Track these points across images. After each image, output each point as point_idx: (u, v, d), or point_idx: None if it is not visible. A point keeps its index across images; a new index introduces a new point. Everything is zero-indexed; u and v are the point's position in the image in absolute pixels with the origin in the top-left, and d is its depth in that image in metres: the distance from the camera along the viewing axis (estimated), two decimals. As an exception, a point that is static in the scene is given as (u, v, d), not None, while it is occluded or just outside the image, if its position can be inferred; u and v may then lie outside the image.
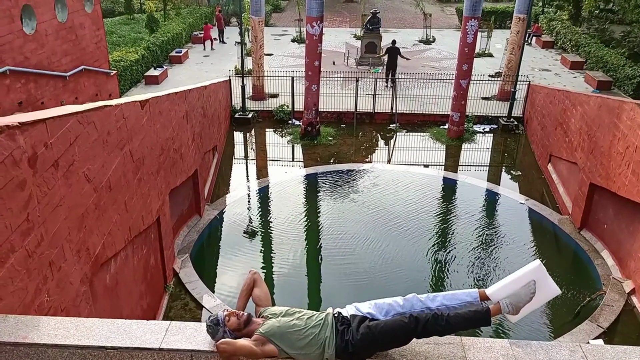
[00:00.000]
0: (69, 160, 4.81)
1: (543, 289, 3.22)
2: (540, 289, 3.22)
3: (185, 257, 8.90)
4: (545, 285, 3.24)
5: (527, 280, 3.22)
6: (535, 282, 3.21)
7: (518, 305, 3.19)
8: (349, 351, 3.08)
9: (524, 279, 3.23)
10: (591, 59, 20.61)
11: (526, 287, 3.20)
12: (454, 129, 14.59)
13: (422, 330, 3.06)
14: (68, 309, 4.78)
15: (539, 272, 3.24)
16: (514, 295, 3.20)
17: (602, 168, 9.19)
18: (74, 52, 12.02)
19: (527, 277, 3.23)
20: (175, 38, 22.60)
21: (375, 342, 3.06)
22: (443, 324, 3.06)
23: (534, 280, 3.21)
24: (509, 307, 3.18)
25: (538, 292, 3.21)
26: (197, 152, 10.04)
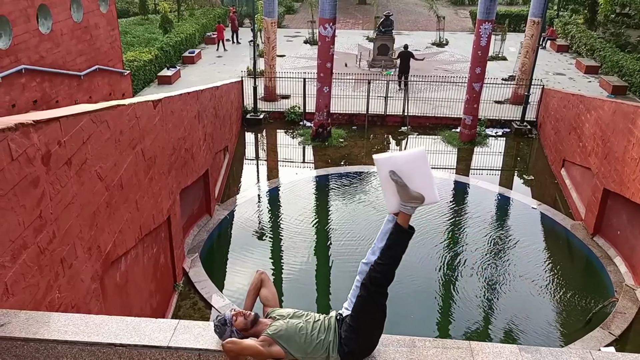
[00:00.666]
0: (81, 159, 4.86)
1: (407, 165, 2.99)
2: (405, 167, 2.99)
3: (195, 256, 8.94)
4: (406, 161, 3.00)
5: (387, 178, 3.01)
6: (394, 171, 3.00)
7: (409, 196, 2.99)
8: (346, 351, 3.07)
9: (385, 180, 3.03)
10: (606, 63, 20.39)
11: (395, 183, 2.99)
12: (466, 132, 14.51)
13: (375, 288, 3.02)
14: (78, 306, 4.83)
15: (383, 164, 3.03)
16: (400, 194, 3.00)
17: (616, 174, 9.08)
18: (89, 51, 12.15)
19: (383, 175, 3.03)
20: (189, 39, 22.76)
21: (357, 331, 3.04)
22: (380, 269, 3.02)
23: (390, 171, 3.00)
24: (406, 205, 3.00)
25: (407, 170, 2.99)
26: (209, 152, 10.08)
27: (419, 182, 3.02)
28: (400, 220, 3.04)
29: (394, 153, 3.09)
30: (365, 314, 3.07)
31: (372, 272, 3.06)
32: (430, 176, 3.05)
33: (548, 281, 8.77)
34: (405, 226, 3.04)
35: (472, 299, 8.33)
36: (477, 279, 8.77)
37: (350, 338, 3.06)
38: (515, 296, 8.40)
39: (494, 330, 7.75)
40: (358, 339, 3.06)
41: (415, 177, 3.01)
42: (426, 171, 3.04)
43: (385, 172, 3.03)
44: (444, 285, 8.72)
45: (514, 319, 7.89)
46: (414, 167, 3.02)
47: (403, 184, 3.00)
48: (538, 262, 9.30)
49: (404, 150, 2.91)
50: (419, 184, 3.02)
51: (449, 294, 8.51)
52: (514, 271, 8.95)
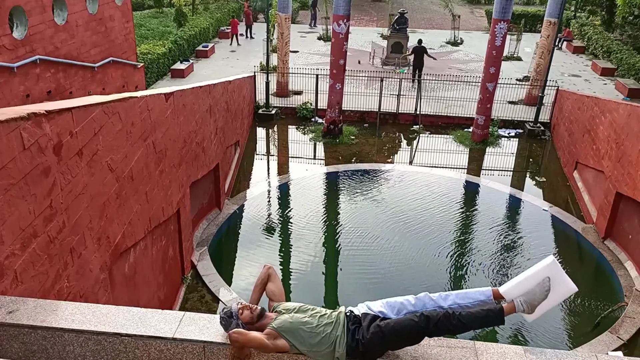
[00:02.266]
0: (92, 150, 4.90)
1: (558, 286, 3.12)
2: (556, 286, 3.11)
3: (203, 249, 8.98)
4: (561, 282, 3.13)
5: (542, 277, 3.12)
6: (550, 279, 3.11)
7: (533, 303, 3.11)
8: (360, 350, 3.06)
9: (538, 276, 3.13)
10: (623, 66, 20.11)
11: (541, 284, 3.11)
12: (478, 133, 14.41)
13: (433, 328, 3.03)
14: (87, 296, 4.87)
15: (553, 268, 3.13)
16: (528, 293, 3.12)
17: (629, 177, 8.96)
18: (103, 43, 12.23)
19: (541, 274, 3.13)
20: (203, 33, 22.82)
21: (386, 341, 3.04)
22: (455, 322, 3.02)
23: (548, 277, 3.11)
24: (524, 305, 3.11)
25: (553, 289, 3.11)
26: (219, 147, 10.12)
27: (546, 302, 3.18)
28: (506, 310, 3.14)
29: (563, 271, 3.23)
30: (405, 335, 3.07)
31: (445, 317, 3.06)
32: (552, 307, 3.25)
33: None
34: (505, 316, 3.14)
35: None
36: (486, 280, 8.72)
37: (374, 342, 3.05)
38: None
39: (500, 331, 7.70)
40: (381, 347, 3.08)
41: (550, 298, 3.18)
42: (556, 302, 3.24)
43: (547, 273, 3.17)
44: (452, 285, 8.68)
45: (521, 320, 7.83)
46: (559, 293, 3.19)
47: (545, 296, 3.13)
48: (547, 264, 9.22)
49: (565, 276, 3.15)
50: (544, 303, 3.18)
51: (457, 294, 8.47)
52: (523, 273, 8.88)
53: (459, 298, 3.21)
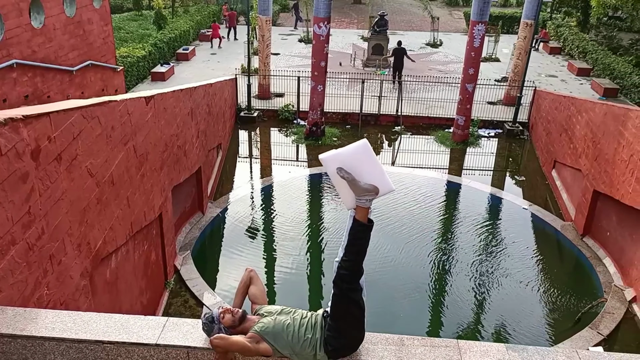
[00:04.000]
0: (72, 154, 4.83)
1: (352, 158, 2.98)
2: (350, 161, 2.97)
3: (186, 254, 8.91)
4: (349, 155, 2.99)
5: (336, 175, 3.00)
6: (342, 168, 2.98)
7: (361, 189, 2.96)
8: (330, 350, 3.08)
9: (335, 179, 3.02)
10: (598, 66, 20.53)
11: (345, 179, 2.98)
12: (458, 133, 14.56)
13: (346, 285, 3.04)
14: (67, 303, 4.80)
15: (329, 162, 3.00)
16: (352, 189, 2.99)
17: (606, 175, 9.15)
18: (81, 46, 12.07)
19: (331, 173, 3.02)
20: (183, 35, 22.67)
21: (336, 329, 3.06)
22: (346, 265, 3.04)
23: (337, 168, 2.98)
24: (361, 199, 2.98)
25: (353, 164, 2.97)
26: (201, 150, 10.06)
27: (368, 174, 3.01)
28: (359, 215, 3.02)
29: (338, 150, 3.06)
30: (342, 312, 3.08)
31: (339, 269, 3.08)
32: (377, 166, 3.04)
33: (538, 281, 8.83)
34: (364, 220, 3.02)
35: (462, 298, 8.36)
36: (468, 279, 8.81)
37: (332, 337, 3.07)
38: (504, 296, 8.45)
39: (483, 329, 7.79)
40: (340, 337, 3.07)
41: (364, 169, 3.00)
42: (373, 161, 3.03)
43: (332, 169, 3.02)
44: (435, 284, 8.75)
45: (503, 318, 7.94)
46: (359, 159, 3.00)
47: (352, 179, 2.98)
48: (528, 262, 9.36)
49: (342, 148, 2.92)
50: (369, 175, 3.01)
51: (439, 293, 8.55)
52: (504, 271, 9.00)
53: (344, 240, 3.15)
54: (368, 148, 3.04)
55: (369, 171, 3.02)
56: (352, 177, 2.99)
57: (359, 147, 3.03)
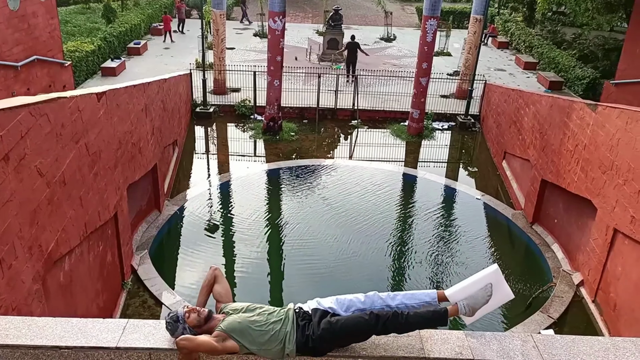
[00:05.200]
0: (20, 154, 4.65)
1: (498, 292, 3.35)
2: (496, 292, 3.34)
3: (144, 253, 8.73)
4: (501, 289, 3.36)
5: (485, 283, 3.34)
6: (492, 285, 3.33)
7: (474, 307, 3.31)
8: (309, 346, 3.10)
9: (482, 282, 3.35)
10: (544, 59, 21.35)
11: (483, 289, 3.32)
12: (413, 126, 14.84)
13: (381, 327, 3.12)
14: (19, 308, 4.63)
15: (496, 275, 3.37)
16: (471, 297, 3.32)
17: (552, 165, 9.56)
18: (26, 41, 11.55)
19: (485, 280, 3.35)
20: (134, 29, 22.03)
21: (336, 337, 3.10)
22: (402, 322, 3.13)
23: (491, 283, 3.34)
24: (466, 308, 3.30)
25: (494, 294, 3.33)
26: (157, 147, 9.84)
27: (486, 307, 3.38)
28: (450, 312, 3.29)
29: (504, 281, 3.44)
30: (354, 332, 3.13)
31: (394, 317, 3.15)
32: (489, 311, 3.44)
33: (492, 269, 9.14)
34: (449, 317, 3.30)
35: (419, 286, 8.55)
36: (425, 268, 9.03)
37: (324, 338, 3.10)
38: (461, 284, 8.71)
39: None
40: (331, 342, 3.14)
41: (491, 302, 3.38)
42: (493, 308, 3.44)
43: (490, 280, 3.38)
44: (393, 274, 8.92)
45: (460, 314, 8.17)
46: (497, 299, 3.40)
47: (487, 298, 3.33)
48: (482, 250, 9.68)
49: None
50: (485, 307, 3.38)
51: (397, 283, 8.72)
52: (460, 259, 9.27)
53: (406, 298, 3.34)
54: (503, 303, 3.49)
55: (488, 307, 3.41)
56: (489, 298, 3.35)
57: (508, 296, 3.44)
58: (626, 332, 6.83)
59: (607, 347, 3.14)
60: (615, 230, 7.33)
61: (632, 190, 6.92)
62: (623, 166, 7.20)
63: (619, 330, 7.03)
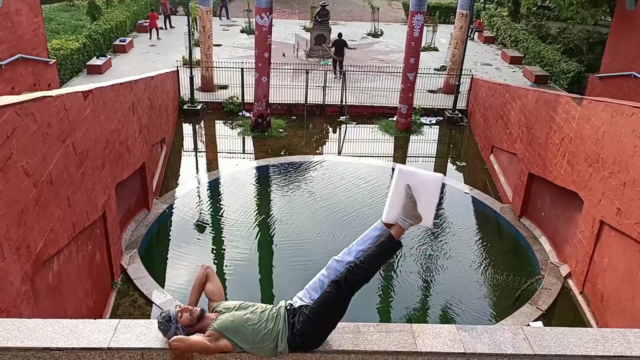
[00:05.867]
0: (6, 154, 4.59)
1: (423, 185, 3.13)
2: (420, 186, 3.12)
3: (133, 252, 8.67)
4: (423, 181, 3.14)
5: (402, 189, 3.14)
6: (410, 186, 3.12)
7: (413, 214, 3.12)
8: (298, 342, 3.10)
9: (399, 189, 3.14)
10: (529, 54, 21.51)
11: (405, 195, 3.12)
12: (402, 121, 14.89)
13: (347, 288, 3.09)
14: (8, 310, 4.58)
15: (404, 175, 3.15)
16: (403, 208, 3.13)
17: (539, 158, 9.65)
18: (10, 39, 11.38)
19: (399, 186, 3.14)
20: (119, 26, 21.81)
21: (316, 325, 3.09)
22: (359, 272, 3.09)
23: (407, 185, 3.13)
24: (407, 220, 3.13)
25: (420, 190, 3.12)
26: (145, 145, 9.77)
27: (425, 205, 3.17)
28: (395, 233, 3.16)
29: (417, 170, 3.21)
30: (328, 310, 3.12)
31: (349, 272, 3.10)
32: (435, 203, 3.23)
33: (480, 262, 9.22)
34: (398, 239, 3.17)
35: (409, 281, 8.62)
36: (414, 263, 9.08)
37: (305, 330, 3.09)
38: (450, 277, 8.78)
39: (431, 310, 8.08)
40: (314, 332, 3.10)
41: (425, 199, 3.16)
42: (435, 197, 3.21)
43: (402, 183, 3.14)
44: (383, 270, 8.95)
45: (450, 299, 8.25)
46: (428, 189, 3.16)
47: (414, 201, 3.12)
48: (471, 244, 9.76)
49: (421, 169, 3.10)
50: (425, 206, 3.17)
51: (387, 278, 8.76)
52: (449, 254, 9.34)
53: (360, 244, 3.26)
54: (440, 185, 3.22)
55: (427, 203, 3.17)
56: (414, 200, 3.12)
57: (435, 179, 3.20)
58: (613, 323, 6.94)
59: (596, 339, 3.19)
60: (602, 222, 7.43)
61: (617, 183, 7.02)
62: (608, 159, 7.29)
63: (607, 321, 7.14)
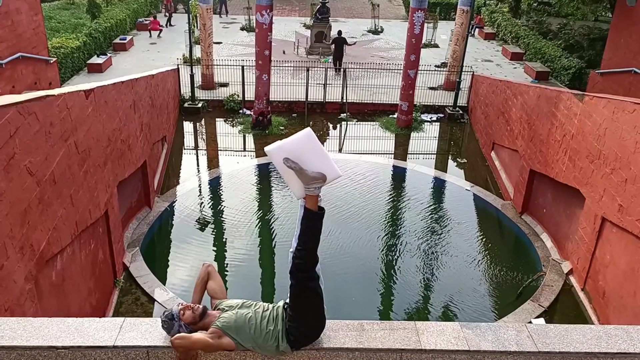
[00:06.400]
0: (9, 153, 4.60)
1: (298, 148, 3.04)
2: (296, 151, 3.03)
3: (135, 250, 8.69)
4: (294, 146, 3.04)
5: (283, 166, 3.05)
6: (288, 158, 3.03)
7: (308, 178, 3.02)
8: (292, 340, 3.12)
9: (282, 168, 3.07)
10: (530, 50, 21.48)
11: (291, 168, 3.03)
12: (402, 118, 14.88)
13: (302, 275, 3.10)
14: (12, 309, 4.60)
15: (275, 153, 3.06)
16: (300, 179, 3.04)
17: (541, 155, 9.65)
18: (10, 38, 11.38)
19: (279, 165, 3.07)
20: (119, 25, 21.79)
21: (298, 319, 3.10)
22: (300, 254, 3.09)
23: (285, 158, 3.03)
24: (309, 187, 3.03)
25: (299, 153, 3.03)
26: (146, 143, 9.78)
27: (315, 162, 3.06)
28: (309, 204, 3.06)
29: (283, 140, 3.09)
30: (301, 301, 3.12)
31: (294, 259, 3.11)
32: (323, 153, 3.10)
33: (482, 259, 9.24)
34: (314, 208, 3.06)
35: (412, 278, 8.64)
36: (416, 260, 9.09)
37: (293, 327, 3.10)
38: (452, 274, 8.79)
39: (433, 307, 8.09)
40: (300, 326, 3.10)
41: (310, 157, 3.05)
42: (318, 149, 3.08)
43: (279, 161, 3.06)
44: (385, 267, 8.97)
45: (452, 296, 8.27)
46: (305, 148, 3.05)
47: (299, 168, 3.02)
48: (472, 241, 9.77)
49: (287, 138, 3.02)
50: (316, 163, 3.06)
51: (390, 276, 8.78)
52: (451, 251, 9.35)
53: (296, 229, 3.19)
54: (312, 136, 3.08)
55: (315, 159, 3.06)
56: (299, 167, 3.02)
57: (303, 136, 3.07)
58: (615, 319, 6.95)
59: (600, 335, 3.20)
60: (604, 218, 7.43)
61: (619, 179, 7.02)
62: (610, 155, 7.29)
63: (608, 317, 7.16)
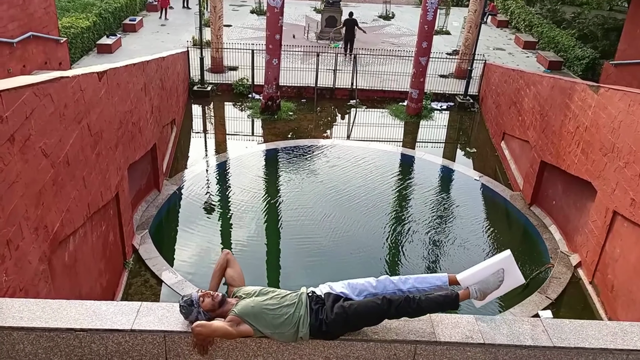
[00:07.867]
0: (25, 135, 4.60)
1: (510, 278, 3.39)
2: (508, 277, 3.38)
3: (144, 233, 8.74)
4: (512, 274, 3.40)
5: (497, 269, 3.38)
6: (504, 271, 3.37)
7: (485, 291, 3.35)
8: (323, 330, 3.14)
9: (495, 267, 3.39)
10: (543, 39, 21.21)
11: (495, 275, 3.35)
12: (412, 106, 14.79)
13: (394, 311, 3.17)
14: (27, 289, 4.64)
15: (508, 261, 3.40)
16: (482, 282, 3.35)
17: (552, 146, 9.58)
18: (22, 17, 11.34)
19: (498, 265, 3.39)
20: (129, 5, 21.67)
21: (349, 321, 3.14)
22: (414, 307, 3.18)
23: (502, 268, 3.37)
24: (477, 293, 3.33)
25: (505, 279, 3.38)
26: (156, 126, 9.77)
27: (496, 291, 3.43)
28: (462, 296, 3.31)
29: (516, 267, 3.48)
30: (368, 316, 3.18)
31: (406, 301, 3.18)
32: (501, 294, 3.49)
33: (490, 249, 9.23)
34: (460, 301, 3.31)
35: (419, 268, 8.65)
36: (425, 249, 9.11)
37: (338, 322, 3.13)
38: (460, 264, 8.78)
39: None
40: (344, 327, 3.18)
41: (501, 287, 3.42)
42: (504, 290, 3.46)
43: (501, 265, 3.41)
44: (394, 256, 9.00)
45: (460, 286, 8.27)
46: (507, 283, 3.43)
47: (499, 284, 3.36)
48: (480, 231, 9.76)
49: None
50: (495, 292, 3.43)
51: (397, 264, 8.80)
52: (458, 240, 9.35)
53: (418, 282, 3.38)
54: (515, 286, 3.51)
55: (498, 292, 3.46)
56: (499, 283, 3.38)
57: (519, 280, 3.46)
58: (623, 313, 6.96)
59: (615, 332, 3.20)
60: (615, 212, 7.40)
61: (632, 173, 6.97)
62: (624, 149, 7.23)
63: (616, 311, 7.16)
